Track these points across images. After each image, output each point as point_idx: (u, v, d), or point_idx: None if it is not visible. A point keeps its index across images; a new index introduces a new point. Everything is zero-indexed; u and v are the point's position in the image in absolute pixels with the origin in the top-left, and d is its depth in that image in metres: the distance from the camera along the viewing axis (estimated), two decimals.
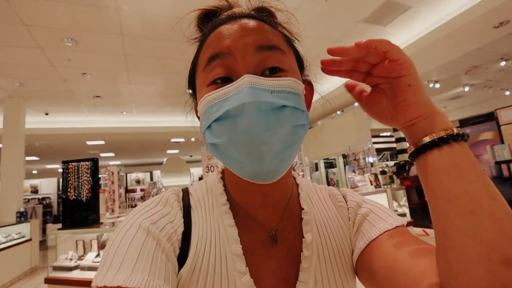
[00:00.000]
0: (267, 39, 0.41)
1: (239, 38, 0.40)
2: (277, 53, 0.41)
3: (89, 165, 3.14)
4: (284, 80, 0.39)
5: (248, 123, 0.35)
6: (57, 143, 8.26)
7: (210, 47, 0.41)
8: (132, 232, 0.37)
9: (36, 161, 10.78)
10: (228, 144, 0.38)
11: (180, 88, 4.55)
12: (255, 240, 0.45)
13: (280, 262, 0.44)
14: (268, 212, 0.47)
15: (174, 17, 3.59)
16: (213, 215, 0.45)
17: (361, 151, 5.05)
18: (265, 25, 0.43)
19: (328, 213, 0.51)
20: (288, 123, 0.38)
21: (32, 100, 5.85)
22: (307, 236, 0.46)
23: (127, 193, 11.44)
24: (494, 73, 7.36)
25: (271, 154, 0.37)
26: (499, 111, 4.06)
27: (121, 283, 0.32)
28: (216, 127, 0.38)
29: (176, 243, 0.40)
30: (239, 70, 0.39)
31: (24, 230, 5.45)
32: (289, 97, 0.38)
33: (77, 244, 2.88)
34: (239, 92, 0.36)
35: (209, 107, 0.39)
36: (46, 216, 10.99)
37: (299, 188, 0.52)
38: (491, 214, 0.30)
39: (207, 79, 0.41)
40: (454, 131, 0.36)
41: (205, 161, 3.73)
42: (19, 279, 5.07)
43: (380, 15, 4.10)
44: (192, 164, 12.76)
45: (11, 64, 4.45)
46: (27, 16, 3.34)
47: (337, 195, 0.54)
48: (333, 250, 0.47)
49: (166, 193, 0.46)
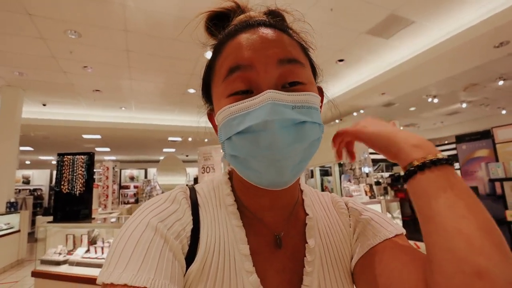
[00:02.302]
0: (288, 52, 0.41)
1: (261, 50, 0.40)
2: (297, 66, 0.41)
3: (85, 159, 3.12)
4: (304, 95, 0.40)
5: (271, 140, 0.36)
6: (52, 135, 8.19)
7: (230, 57, 0.41)
8: (140, 229, 0.37)
9: (30, 151, 10.66)
10: (249, 157, 0.39)
11: (181, 87, 4.61)
12: (261, 242, 0.46)
13: (284, 264, 0.45)
14: (274, 215, 0.48)
15: (179, 16, 3.60)
16: (221, 215, 0.46)
17: (357, 161, 5.07)
18: (284, 35, 0.43)
19: (330, 219, 0.53)
20: (308, 138, 0.39)
21: (31, 90, 5.81)
22: (310, 241, 0.47)
23: (121, 189, 11.36)
24: (492, 92, 7.46)
25: (290, 167, 0.39)
26: (495, 130, 4.10)
27: (128, 281, 0.32)
28: (237, 140, 0.39)
29: (184, 241, 0.41)
30: (260, 83, 0.39)
31: (13, 221, 5.38)
32: (308, 112, 0.40)
33: (67, 238, 2.83)
34: (262, 108, 0.37)
35: (229, 120, 0.39)
36: (36, 208, 10.87)
37: (303, 194, 0.54)
38: (460, 231, 0.33)
39: (227, 90, 0.41)
40: (426, 159, 0.39)
41: (201, 161, 3.72)
42: (4, 271, 5.00)
43: (384, 28, 4.14)
44: (188, 164, 12.72)
45: (12, 53, 4.42)
46: (32, 5, 3.33)
47: (339, 201, 0.56)
48: (335, 255, 0.48)
49: (174, 191, 0.46)
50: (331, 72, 5.71)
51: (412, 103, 8.46)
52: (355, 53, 4.92)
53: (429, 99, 7.76)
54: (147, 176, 14.74)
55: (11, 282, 4.42)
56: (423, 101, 8.09)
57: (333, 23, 3.97)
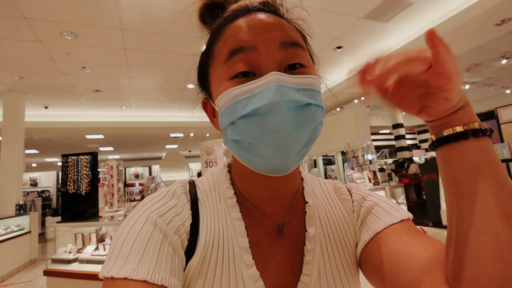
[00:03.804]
0: (290, 36, 0.41)
1: (263, 33, 0.39)
2: (299, 49, 0.41)
3: (89, 159, 3.15)
4: (307, 78, 0.39)
5: (278, 122, 0.35)
6: (56, 137, 8.26)
7: (231, 40, 0.40)
8: (140, 224, 0.38)
9: (35, 154, 10.78)
10: (254, 141, 0.37)
11: (180, 83, 4.59)
12: (262, 233, 0.45)
13: (285, 254, 0.45)
14: (275, 205, 0.47)
15: (174, 11, 3.56)
16: (220, 208, 0.46)
17: (360, 148, 5.06)
18: (282, 20, 0.43)
19: (332, 207, 0.52)
20: (313, 121, 0.39)
21: (32, 93, 5.84)
22: (310, 229, 0.47)
23: (126, 187, 11.48)
24: (495, 71, 7.35)
25: (296, 150, 0.38)
26: (499, 110, 4.05)
27: (128, 274, 0.33)
28: (241, 124, 0.37)
29: (184, 235, 0.41)
30: (264, 65, 0.38)
31: (24, 223, 5.48)
32: (312, 95, 0.39)
33: (76, 237, 2.89)
34: (267, 90, 0.36)
35: (233, 103, 0.38)
36: (45, 209, 11.02)
37: (304, 182, 0.53)
38: (507, 214, 0.29)
39: (229, 72, 0.39)
40: (475, 126, 0.33)
41: (204, 156, 3.73)
42: (18, 271, 5.11)
43: (382, 11, 4.08)
44: (190, 159, 12.78)
45: (11, 58, 4.43)
46: (27, 9, 3.32)
47: (341, 188, 0.54)
48: (336, 243, 0.48)
49: (173, 186, 0.46)
50: (329, 60, 5.65)
51: None
52: (354, 39, 4.86)
53: None
54: (152, 173, 14.86)
55: (25, 282, 4.53)
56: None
57: (329, 9, 3.91)
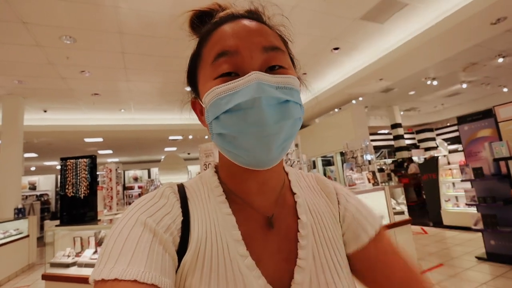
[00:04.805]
0: (270, 41, 0.45)
1: (246, 38, 0.43)
2: (279, 53, 0.45)
3: (87, 162, 3.15)
4: (286, 77, 0.43)
5: (258, 116, 0.38)
6: (55, 140, 8.25)
7: (217, 44, 0.44)
8: (129, 227, 0.39)
9: (34, 158, 10.76)
10: (238, 134, 0.40)
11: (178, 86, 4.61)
12: (253, 226, 0.47)
13: (279, 245, 0.47)
14: (264, 199, 0.49)
15: (171, 14, 3.58)
16: (210, 206, 0.47)
17: (358, 148, 5.06)
18: (265, 26, 0.47)
19: (317, 198, 0.55)
20: (292, 116, 0.42)
21: (31, 97, 5.85)
22: (302, 217, 0.50)
23: (125, 190, 11.44)
24: (492, 70, 7.38)
25: (276, 144, 0.41)
26: (497, 108, 4.06)
27: (118, 275, 0.33)
28: (225, 118, 0.41)
29: (175, 233, 0.42)
30: (246, 67, 0.42)
31: (22, 227, 5.47)
32: (290, 92, 0.42)
33: (75, 241, 2.88)
34: (249, 87, 0.39)
35: (218, 99, 0.41)
36: (44, 213, 10.99)
37: (289, 175, 0.56)
38: None
39: (214, 72, 0.43)
40: None
41: (203, 158, 3.73)
42: (16, 275, 5.09)
43: (378, 12, 4.10)
44: (190, 162, 12.76)
45: (10, 62, 4.44)
46: (26, 13, 3.33)
47: (325, 181, 0.59)
48: (326, 231, 0.51)
49: (161, 188, 0.48)
50: (327, 61, 5.67)
51: (411, 87, 8.39)
52: (350, 41, 4.88)
53: (428, 82, 7.70)
54: (151, 176, 14.82)
55: (24, 286, 4.51)
56: (422, 84, 8.02)
57: (325, 11, 3.93)
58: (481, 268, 3.64)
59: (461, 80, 8.16)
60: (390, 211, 3.46)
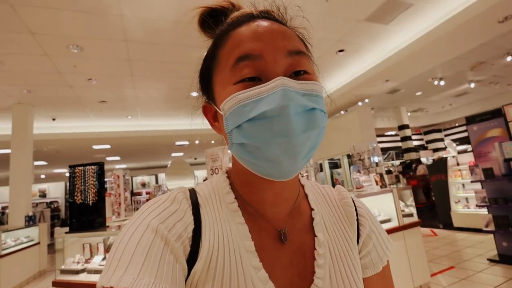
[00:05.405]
0: (295, 45, 0.42)
1: (270, 41, 0.40)
2: (304, 57, 0.42)
3: (95, 169, 3.18)
4: (312, 84, 0.40)
5: (286, 125, 0.36)
6: (64, 148, 8.36)
7: (238, 47, 0.41)
8: (140, 231, 0.37)
9: (44, 165, 10.92)
10: (261, 145, 0.38)
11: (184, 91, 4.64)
12: (265, 238, 0.45)
13: (291, 259, 0.45)
14: (277, 210, 0.47)
15: (176, 21, 3.62)
16: (222, 213, 0.45)
17: (366, 150, 5.01)
18: (287, 28, 0.44)
19: (335, 214, 0.53)
20: (319, 125, 0.40)
21: (40, 106, 5.95)
22: (319, 234, 0.48)
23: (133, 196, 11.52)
24: (500, 69, 7.27)
25: (302, 154, 0.39)
26: (507, 107, 3.99)
27: (128, 285, 0.31)
28: (248, 127, 0.38)
29: (186, 241, 0.40)
30: (270, 72, 0.39)
31: (33, 234, 5.53)
32: (316, 100, 0.40)
33: (84, 248, 2.90)
34: (275, 94, 0.37)
35: (240, 106, 0.38)
36: (54, 220, 11.12)
37: (305, 188, 0.54)
38: None
39: (235, 77, 0.40)
40: None
41: (209, 163, 3.74)
42: (27, 282, 5.15)
43: (382, 13, 4.08)
44: (196, 167, 12.80)
45: (19, 72, 4.54)
46: (34, 24, 3.41)
47: (347, 198, 0.55)
48: (343, 251, 0.49)
49: (173, 192, 0.46)
50: (332, 63, 5.66)
51: (418, 88, 8.30)
52: (355, 42, 4.86)
53: (435, 82, 7.62)
54: (158, 181, 14.91)
55: None
56: (429, 85, 7.93)
57: (330, 14, 3.93)
58: (493, 271, 3.55)
59: (469, 80, 8.06)
60: (399, 214, 3.40)
